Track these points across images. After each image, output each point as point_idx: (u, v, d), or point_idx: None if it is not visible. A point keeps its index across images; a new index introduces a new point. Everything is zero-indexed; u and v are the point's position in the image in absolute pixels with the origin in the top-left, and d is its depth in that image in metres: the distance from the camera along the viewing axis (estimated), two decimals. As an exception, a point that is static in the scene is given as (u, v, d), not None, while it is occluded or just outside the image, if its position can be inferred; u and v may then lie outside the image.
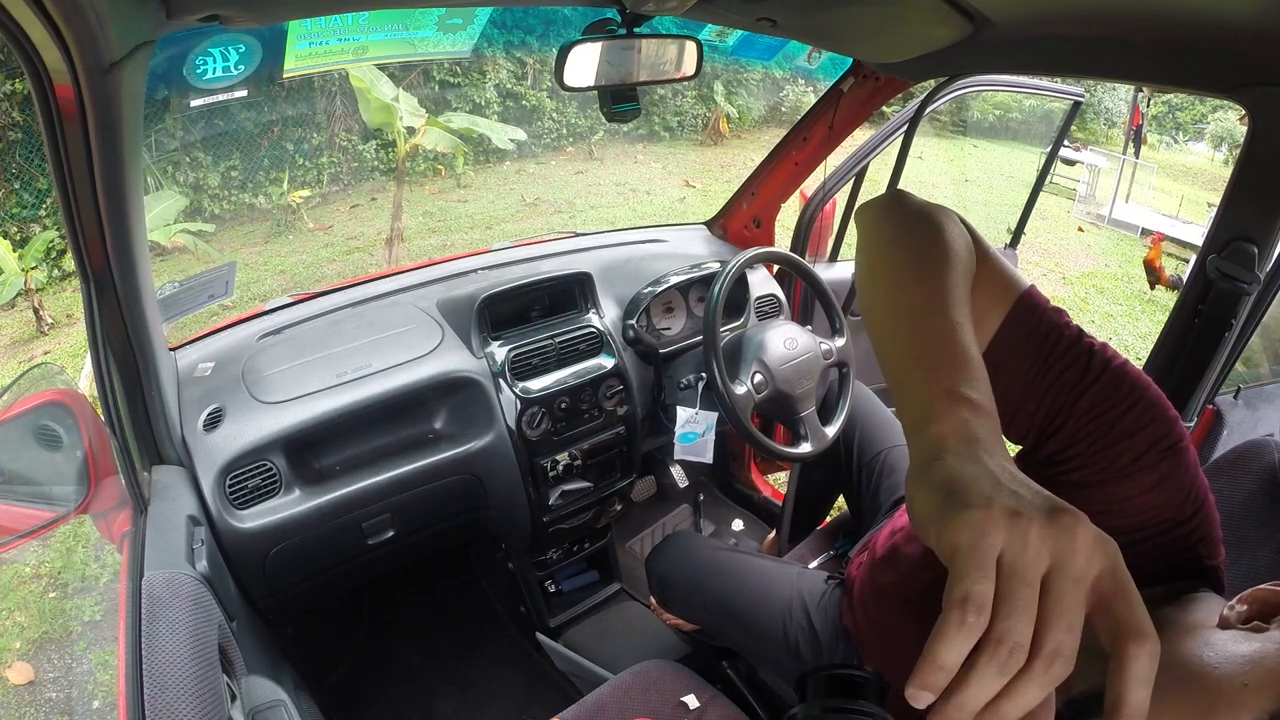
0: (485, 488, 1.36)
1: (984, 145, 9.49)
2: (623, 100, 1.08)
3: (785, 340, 1.42)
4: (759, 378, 1.38)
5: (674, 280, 1.56)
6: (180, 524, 0.95)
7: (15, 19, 0.62)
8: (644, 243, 1.81)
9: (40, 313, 4.04)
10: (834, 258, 2.02)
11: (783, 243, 1.80)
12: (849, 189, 1.84)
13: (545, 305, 1.49)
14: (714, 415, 1.45)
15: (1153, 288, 5.19)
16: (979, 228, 0.59)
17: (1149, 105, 9.32)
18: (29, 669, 2.01)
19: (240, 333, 1.35)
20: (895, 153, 1.69)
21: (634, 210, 6.11)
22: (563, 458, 1.44)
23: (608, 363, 1.46)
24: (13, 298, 4.03)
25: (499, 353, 1.36)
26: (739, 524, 1.99)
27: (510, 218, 5.80)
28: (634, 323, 1.52)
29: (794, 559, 1.45)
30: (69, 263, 4.28)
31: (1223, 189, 1.03)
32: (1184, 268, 5.45)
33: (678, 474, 1.77)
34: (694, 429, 1.46)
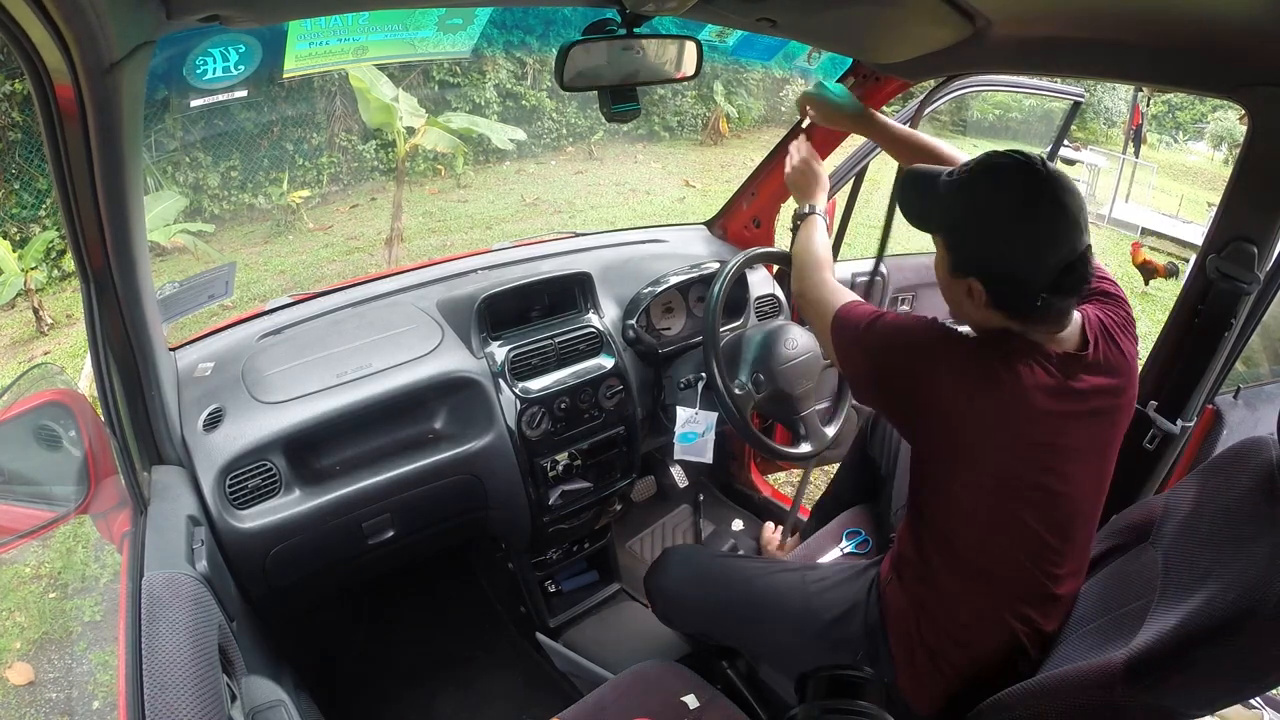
0: (485, 488, 1.36)
1: (984, 145, 9.42)
2: (623, 100, 1.09)
3: (785, 340, 1.42)
4: (759, 378, 1.38)
5: (674, 280, 1.56)
6: (180, 524, 0.95)
7: (15, 19, 0.62)
8: (644, 243, 1.81)
9: (40, 313, 4.04)
10: (834, 258, 2.02)
11: (783, 243, 1.80)
12: (849, 189, 1.84)
13: (545, 305, 1.49)
14: (714, 415, 1.45)
15: (1147, 283, 5.21)
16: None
17: (1149, 105, 9.32)
18: (29, 669, 2.01)
19: (240, 333, 1.35)
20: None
21: (634, 210, 6.11)
22: (563, 458, 1.44)
23: (608, 363, 1.46)
24: (13, 298, 4.03)
25: (499, 353, 1.36)
26: (739, 524, 1.99)
27: (510, 218, 5.80)
28: (634, 323, 1.52)
29: (800, 557, 1.45)
30: (69, 263, 4.28)
31: (1222, 189, 1.03)
32: (1178, 260, 5.48)
33: (678, 474, 1.77)
34: (694, 429, 1.46)
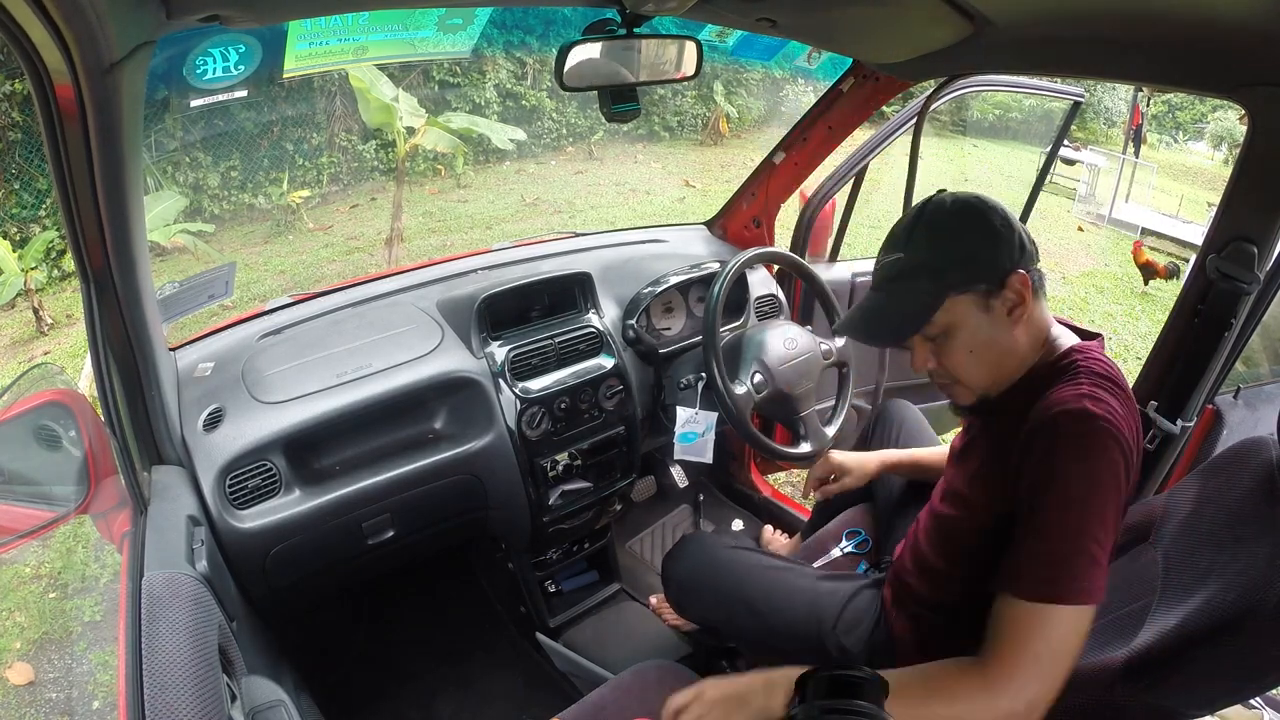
0: (485, 488, 1.36)
1: (984, 145, 9.49)
2: (623, 100, 1.08)
3: (785, 340, 1.42)
4: (759, 378, 1.38)
5: (674, 280, 1.56)
6: (180, 524, 0.95)
7: (15, 19, 0.62)
8: (644, 243, 1.81)
9: (40, 313, 4.04)
10: (834, 258, 2.02)
11: (783, 243, 1.80)
12: (849, 189, 1.84)
13: (545, 305, 1.49)
14: (714, 415, 1.44)
15: (1147, 283, 5.21)
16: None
17: (1149, 105, 9.32)
18: (29, 669, 2.01)
19: (240, 333, 1.35)
20: (895, 153, 1.69)
21: (634, 210, 6.11)
22: (563, 458, 1.44)
23: (608, 363, 1.46)
24: (13, 298, 4.03)
25: (499, 353, 1.36)
26: (739, 524, 1.99)
27: (510, 218, 5.80)
28: (634, 323, 1.52)
29: (800, 557, 1.46)
30: (69, 263, 4.28)
31: (1223, 189, 1.03)
32: (1178, 260, 5.47)
33: (678, 474, 1.77)
34: (694, 429, 1.46)
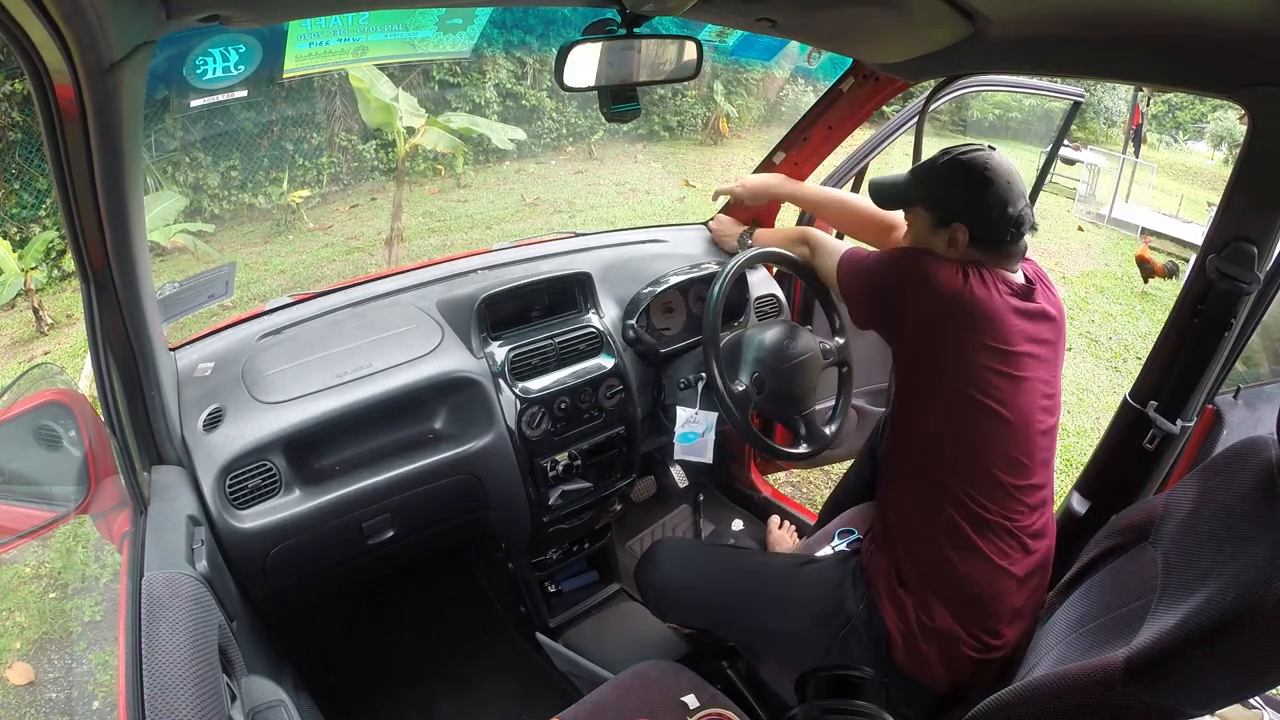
0: (485, 488, 1.36)
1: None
2: (623, 100, 1.08)
3: (785, 340, 1.42)
4: (759, 378, 1.38)
5: (674, 280, 1.56)
6: (180, 524, 0.95)
7: (15, 19, 0.62)
8: (644, 243, 1.81)
9: (40, 313, 4.04)
10: (834, 258, 2.02)
11: (782, 243, 1.80)
12: (849, 189, 1.84)
13: (545, 305, 1.49)
14: (714, 415, 1.44)
15: (1146, 281, 5.21)
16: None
17: (1149, 105, 9.32)
18: (29, 669, 2.01)
19: (240, 333, 1.35)
20: (895, 152, 1.69)
21: (634, 210, 6.11)
22: (563, 458, 1.44)
23: (608, 363, 1.46)
24: (13, 298, 4.03)
25: (499, 353, 1.36)
26: (739, 524, 1.99)
27: (510, 218, 5.80)
28: (634, 323, 1.52)
29: (801, 553, 1.46)
30: (69, 263, 4.28)
31: (1222, 189, 1.03)
32: (1178, 259, 5.47)
33: (678, 474, 1.77)
34: (694, 429, 1.46)
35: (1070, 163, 7.66)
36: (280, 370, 1.23)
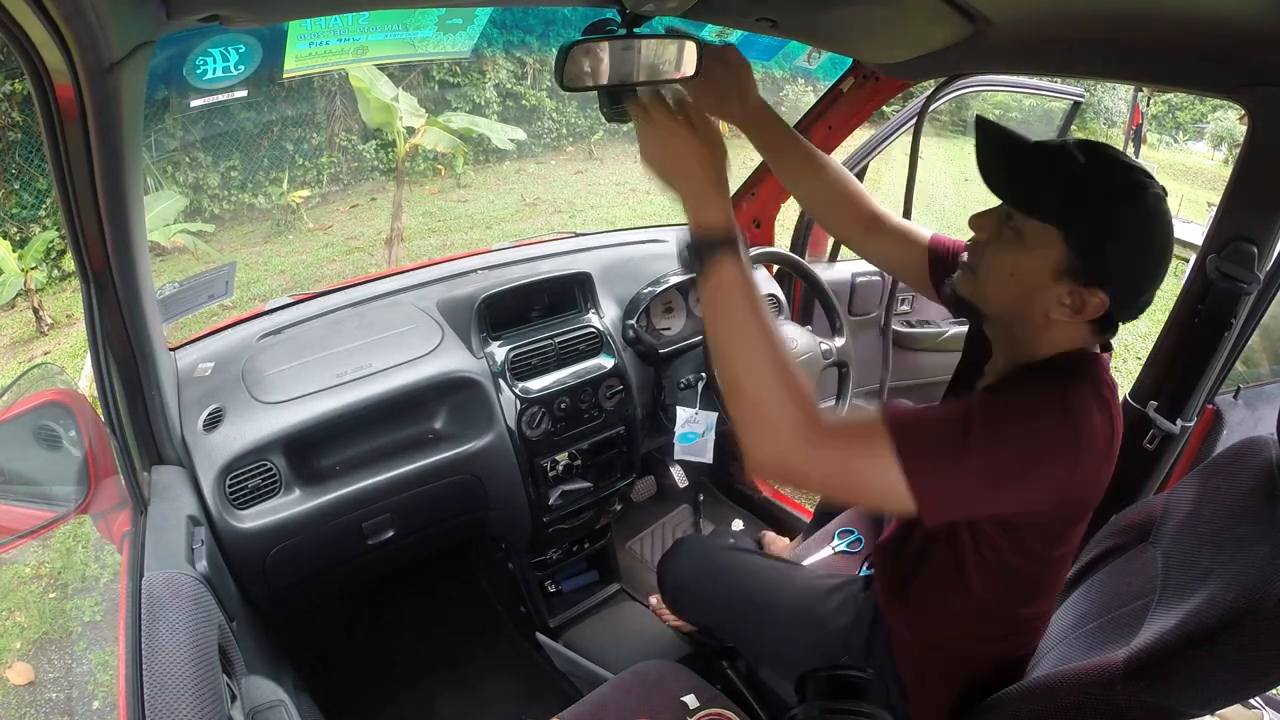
0: (485, 488, 1.36)
1: (984, 145, 9.44)
2: (623, 100, 1.08)
3: (785, 340, 1.42)
4: (759, 378, 1.38)
5: (674, 280, 1.56)
6: (180, 524, 0.95)
7: (15, 19, 0.62)
8: (644, 243, 1.81)
9: (40, 313, 4.04)
10: (834, 258, 2.02)
11: (783, 243, 1.80)
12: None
13: (545, 305, 1.49)
14: (714, 415, 1.45)
15: None
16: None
17: (1149, 105, 9.32)
18: (29, 669, 2.01)
19: (240, 333, 1.35)
20: (895, 152, 1.69)
21: (634, 210, 6.10)
22: (563, 458, 1.44)
23: (607, 363, 1.46)
24: (13, 298, 4.03)
25: (499, 353, 1.36)
26: (739, 524, 1.99)
27: (510, 218, 5.80)
28: (634, 323, 1.52)
29: (793, 556, 1.45)
30: (69, 263, 4.27)
31: (1222, 189, 1.03)
32: (1181, 266, 5.46)
33: (678, 474, 1.77)
34: (694, 429, 1.46)
35: (1070, 163, 7.65)
36: (280, 370, 1.23)
